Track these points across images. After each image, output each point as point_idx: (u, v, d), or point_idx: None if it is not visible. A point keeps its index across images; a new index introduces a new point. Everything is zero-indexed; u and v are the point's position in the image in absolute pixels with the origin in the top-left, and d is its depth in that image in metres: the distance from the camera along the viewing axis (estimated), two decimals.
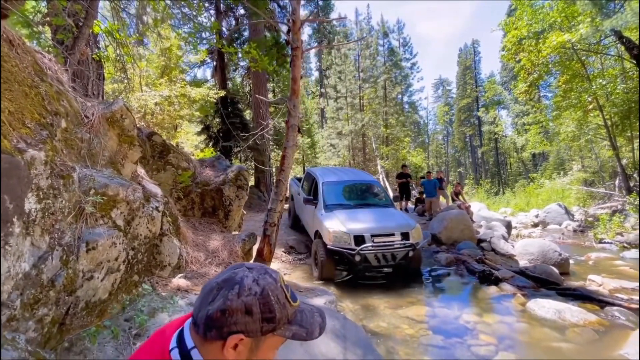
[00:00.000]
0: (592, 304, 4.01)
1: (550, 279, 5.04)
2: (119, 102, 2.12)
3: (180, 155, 4.13)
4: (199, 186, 4.42)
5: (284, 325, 0.71)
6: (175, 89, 8.36)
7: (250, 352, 0.68)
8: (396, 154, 21.93)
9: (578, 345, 3.08)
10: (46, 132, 1.38)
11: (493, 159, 32.88)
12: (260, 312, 0.67)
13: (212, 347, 0.67)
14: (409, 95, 30.67)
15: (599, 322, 3.44)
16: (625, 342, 2.95)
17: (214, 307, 0.66)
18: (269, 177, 14.08)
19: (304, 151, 22.14)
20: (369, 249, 4.71)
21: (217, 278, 0.72)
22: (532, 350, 3.14)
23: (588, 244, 8.60)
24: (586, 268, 6.11)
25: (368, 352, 2.05)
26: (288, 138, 3.98)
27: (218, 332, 0.66)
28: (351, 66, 23.97)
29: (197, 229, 3.97)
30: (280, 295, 0.70)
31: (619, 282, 4.99)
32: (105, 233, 1.59)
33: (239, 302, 0.66)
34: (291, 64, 4.19)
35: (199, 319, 0.68)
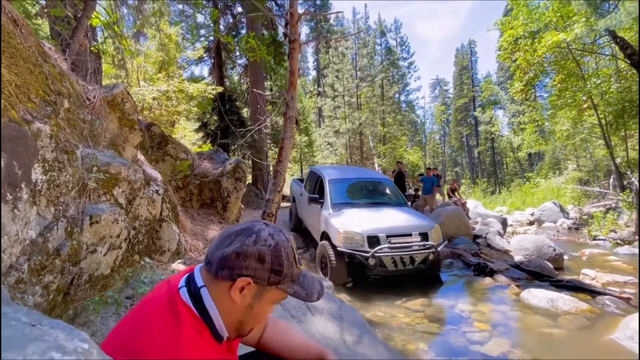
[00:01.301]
0: (584, 294, 4.09)
1: (544, 273, 5.12)
2: (119, 86, 2.15)
3: (179, 147, 4.16)
4: (197, 178, 4.45)
5: (288, 282, 0.76)
6: (173, 84, 8.37)
7: (254, 299, 0.73)
8: (393, 152, 22.03)
9: (569, 331, 3.15)
10: (50, 109, 1.41)
11: (489, 159, 33.09)
12: (270, 262, 0.72)
13: (220, 286, 0.71)
14: (406, 94, 30.83)
15: (590, 310, 3.51)
16: (616, 327, 3.03)
17: (230, 249, 0.72)
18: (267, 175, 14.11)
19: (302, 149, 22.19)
20: (384, 251, 4.17)
21: (236, 227, 0.77)
22: (524, 336, 3.21)
23: (582, 240, 8.71)
24: (580, 263, 6.19)
25: (364, 332, 2.10)
26: (286, 130, 4.02)
27: (229, 272, 0.71)
28: (348, 65, 24.05)
29: (196, 219, 4.00)
30: (290, 253, 0.76)
31: (611, 276, 5.07)
32: (108, 209, 1.63)
33: (254, 249, 0.71)
34: (289, 56, 4.23)
35: (213, 259, 0.72)
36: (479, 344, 3.03)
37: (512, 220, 12.46)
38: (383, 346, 2.03)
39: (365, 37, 25.81)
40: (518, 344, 3.02)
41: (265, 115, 7.86)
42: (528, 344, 3.02)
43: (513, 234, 9.76)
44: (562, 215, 11.89)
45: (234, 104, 15.40)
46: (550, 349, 2.89)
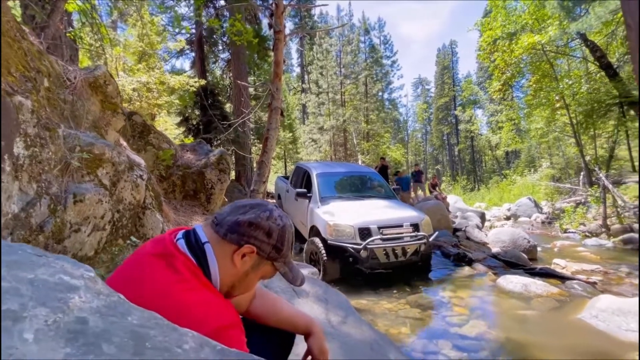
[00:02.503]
0: (555, 279, 4.33)
1: (519, 262, 5.38)
2: (101, 67, 2.10)
3: (161, 137, 4.08)
4: (180, 169, 4.38)
5: (282, 262, 0.83)
6: (153, 75, 8.15)
7: (251, 268, 0.79)
8: (376, 149, 22.31)
9: (541, 312, 3.34)
10: (31, 85, 1.38)
11: (469, 157, 34.04)
12: (276, 239, 0.79)
13: (225, 247, 0.76)
14: (389, 92, 31.23)
15: (560, 293, 3.73)
16: (583, 308, 3.24)
17: (245, 217, 0.77)
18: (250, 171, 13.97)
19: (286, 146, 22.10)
20: (376, 242, 4.08)
21: (249, 200, 0.85)
22: (500, 317, 3.38)
23: (554, 233, 9.16)
24: (552, 254, 6.51)
25: (349, 313, 2.16)
26: (271, 121, 4.02)
27: (239, 237, 0.76)
28: (333, 62, 24.11)
29: (179, 210, 3.95)
30: (290, 238, 0.84)
31: (580, 265, 5.36)
32: (92, 188, 1.60)
33: (266, 223, 0.78)
34: (274, 47, 4.23)
35: (224, 222, 0.77)
36: (457, 326, 3.16)
37: (490, 215, 12.93)
38: (367, 326, 2.10)
39: (350, 34, 25.94)
40: (494, 325, 3.18)
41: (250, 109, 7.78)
42: (503, 325, 3.18)
43: (491, 227, 10.13)
44: (536, 210, 12.43)
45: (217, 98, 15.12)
46: (523, 328, 3.05)
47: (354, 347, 1.70)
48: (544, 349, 2.65)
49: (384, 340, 2.00)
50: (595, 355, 2.52)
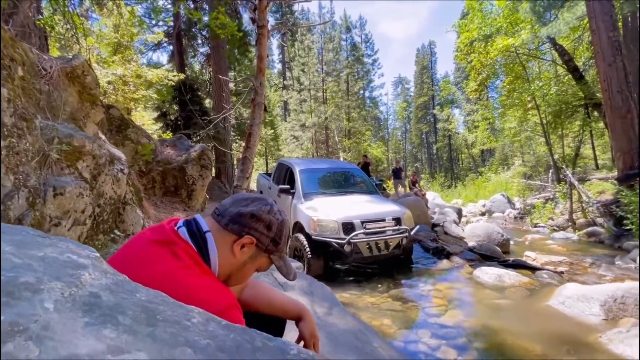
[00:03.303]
0: (526, 270, 4.58)
1: (493, 255, 5.63)
2: (79, 57, 2.01)
3: (140, 131, 3.96)
4: (160, 165, 4.27)
5: (278, 256, 0.87)
6: (130, 68, 7.85)
7: (249, 259, 0.82)
8: (358, 147, 22.53)
9: (514, 301, 3.53)
10: (6, 72, 1.32)
11: (447, 155, 35.00)
12: (274, 233, 0.82)
13: (225, 237, 0.78)
14: (370, 90, 31.54)
15: (531, 283, 3.96)
16: (551, 296, 3.45)
17: (247, 209, 0.80)
18: (231, 167, 13.77)
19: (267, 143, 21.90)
20: (360, 237, 4.14)
21: (250, 194, 0.88)
22: (476, 307, 3.54)
23: (525, 228, 9.63)
24: (523, 247, 6.84)
25: (334, 305, 2.21)
26: (254, 116, 3.99)
27: (240, 228, 0.78)
28: (314, 59, 24.08)
29: (159, 207, 3.85)
30: (287, 234, 0.88)
31: (549, 257, 5.68)
32: (72, 182, 1.54)
33: (267, 216, 0.81)
34: (257, 42, 4.19)
35: (227, 212, 0.80)
36: (436, 316, 3.29)
37: (467, 211, 13.40)
38: (351, 317, 2.15)
39: (331, 31, 25.97)
40: (470, 314, 3.33)
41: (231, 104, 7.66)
42: (479, 314, 3.34)
43: (467, 222, 10.50)
44: (509, 206, 12.98)
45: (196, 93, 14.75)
46: (497, 316, 3.22)
47: (339, 336, 1.75)
48: (516, 334, 2.81)
49: (368, 329, 2.06)
50: (562, 337, 2.70)
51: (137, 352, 0.31)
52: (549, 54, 14.46)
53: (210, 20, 4.03)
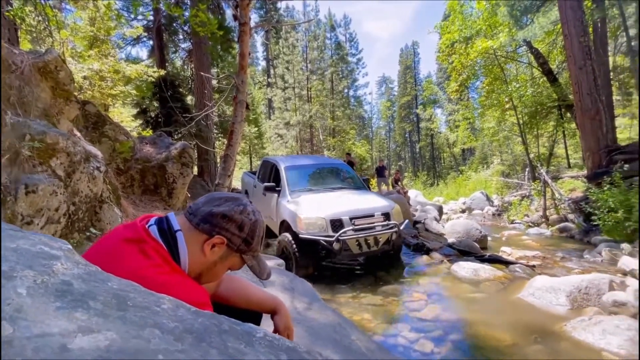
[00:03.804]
0: (501, 264, 4.77)
1: (471, 251, 5.83)
2: (52, 52, 1.96)
3: (118, 128, 3.87)
4: (139, 162, 4.19)
5: (250, 255, 0.87)
6: (107, 62, 7.60)
7: (220, 258, 0.82)
8: (342, 145, 22.67)
9: (488, 294, 3.69)
10: None
11: (429, 154, 35.72)
12: (246, 233, 0.83)
13: (196, 236, 0.79)
14: (354, 89, 31.74)
15: (505, 276, 4.14)
16: (522, 288, 3.62)
17: (219, 209, 0.80)
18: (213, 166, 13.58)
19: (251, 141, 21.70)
20: (349, 233, 4.04)
21: (225, 193, 0.88)
22: (453, 300, 3.67)
23: (503, 224, 9.99)
24: (500, 243, 7.11)
25: (314, 300, 2.25)
26: (236, 114, 3.97)
27: (211, 227, 0.79)
28: (299, 57, 24.01)
29: (138, 205, 3.78)
30: (261, 234, 0.88)
31: (523, 252, 5.94)
32: (45, 179, 1.50)
33: (239, 216, 0.81)
34: (239, 39, 4.17)
35: (199, 212, 0.80)
36: (416, 310, 3.40)
37: (447, 209, 13.75)
38: (331, 311, 2.20)
39: (316, 30, 25.96)
40: (448, 307, 3.46)
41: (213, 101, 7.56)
42: (456, 307, 3.47)
43: (447, 219, 10.79)
44: (488, 203, 13.40)
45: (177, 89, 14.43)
46: (473, 308, 3.36)
47: (318, 330, 1.79)
48: (489, 326, 2.95)
49: (347, 323, 2.12)
50: (530, 327, 2.85)
51: (106, 332, 0.34)
52: (525, 56, 15.00)
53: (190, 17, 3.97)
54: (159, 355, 0.34)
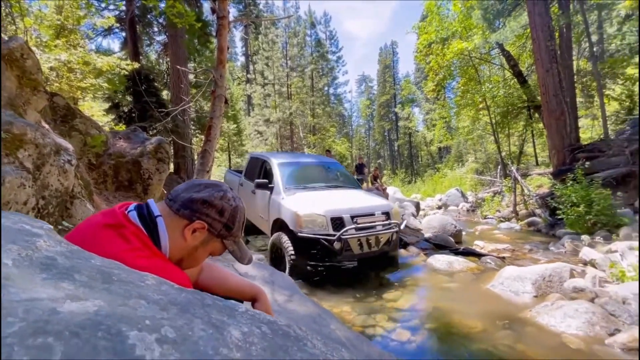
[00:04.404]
0: (474, 257, 5.00)
1: (446, 244, 6.06)
2: (18, 39, 1.85)
3: (89, 122, 3.71)
4: (112, 158, 4.04)
5: (231, 241, 0.88)
6: (76, 53, 7.23)
7: (200, 243, 0.83)
8: (322, 143, 22.75)
9: (462, 284, 3.86)
10: None
11: (407, 152, 36.50)
12: (227, 218, 0.84)
13: (177, 222, 0.79)
14: (334, 87, 31.91)
15: (477, 268, 4.34)
16: (493, 279, 3.82)
17: (199, 195, 0.81)
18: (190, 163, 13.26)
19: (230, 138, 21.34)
20: (351, 232, 3.81)
21: (205, 180, 0.88)
22: (428, 291, 3.81)
23: (476, 219, 10.41)
24: (474, 237, 7.41)
25: (294, 292, 2.28)
26: (214, 108, 3.91)
27: (191, 213, 0.79)
28: (279, 53, 23.83)
29: (112, 202, 3.65)
30: (242, 219, 0.89)
31: (494, 245, 6.23)
32: (13, 171, 1.43)
33: (219, 202, 0.82)
34: (217, 33, 4.10)
35: (179, 198, 0.81)
36: (393, 301, 3.50)
37: (425, 205, 14.14)
38: (311, 302, 2.24)
39: (296, 26, 25.83)
40: (423, 298, 3.59)
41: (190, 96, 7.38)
42: (431, 297, 3.61)
43: (424, 215, 11.10)
44: (462, 199, 13.91)
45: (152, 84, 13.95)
46: (447, 298, 3.50)
47: (298, 321, 1.82)
48: (462, 314, 3.09)
49: (327, 314, 2.16)
50: (499, 314, 3.02)
51: (94, 300, 0.35)
52: (498, 58, 15.61)
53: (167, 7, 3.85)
54: (146, 320, 0.36)
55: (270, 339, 0.48)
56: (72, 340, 0.28)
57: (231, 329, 0.44)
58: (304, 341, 0.53)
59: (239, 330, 0.45)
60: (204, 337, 0.39)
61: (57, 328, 0.28)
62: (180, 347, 0.35)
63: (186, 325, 0.39)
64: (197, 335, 0.39)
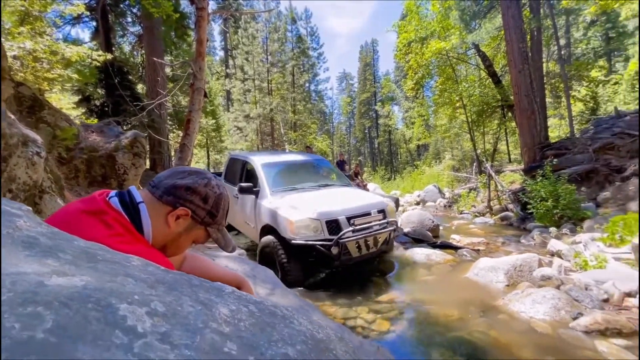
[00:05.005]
0: (450, 249, 5.18)
1: (424, 239, 6.24)
2: None
3: (58, 114, 3.53)
4: (85, 152, 3.86)
5: (215, 228, 0.88)
6: (42, 42, 6.82)
7: (184, 230, 0.82)
8: (303, 139, 22.71)
9: (439, 275, 4.00)
10: None
11: (387, 149, 37.08)
12: (211, 206, 0.83)
13: (160, 208, 0.78)
14: (315, 84, 31.85)
15: (453, 260, 4.51)
16: (469, 269, 3.98)
17: (183, 181, 0.80)
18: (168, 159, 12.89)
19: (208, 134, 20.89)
20: (348, 235, 3.55)
21: (188, 167, 0.87)
22: (407, 283, 3.92)
23: (453, 214, 10.75)
24: (450, 231, 7.66)
25: (276, 286, 2.28)
26: (193, 102, 3.83)
27: (175, 199, 0.79)
28: (259, 48, 23.49)
29: None
30: (226, 207, 0.89)
31: (470, 239, 6.47)
32: None
33: (203, 189, 0.81)
34: (196, 25, 4.00)
35: (161, 185, 0.80)
36: (374, 294, 3.58)
37: (404, 201, 14.46)
38: (293, 295, 2.25)
39: (277, 21, 25.54)
40: (403, 289, 3.69)
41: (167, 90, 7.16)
42: (410, 289, 3.71)
43: (404, 211, 11.35)
44: (440, 195, 14.30)
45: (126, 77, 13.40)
46: (425, 289, 3.62)
47: None
48: (439, 304, 3.21)
49: (309, 306, 2.18)
50: (474, 302, 3.15)
51: (81, 276, 0.35)
52: (474, 59, 16.12)
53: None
54: (135, 295, 0.36)
55: (257, 317, 0.49)
56: (62, 310, 0.28)
57: (219, 307, 0.45)
58: (291, 319, 0.54)
59: (227, 308, 0.46)
60: (192, 312, 0.39)
61: (46, 299, 0.28)
62: (171, 320, 0.35)
63: (175, 301, 0.40)
64: (186, 310, 0.39)
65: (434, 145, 27.52)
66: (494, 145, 16.49)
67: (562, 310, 2.74)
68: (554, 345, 2.38)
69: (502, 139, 16.95)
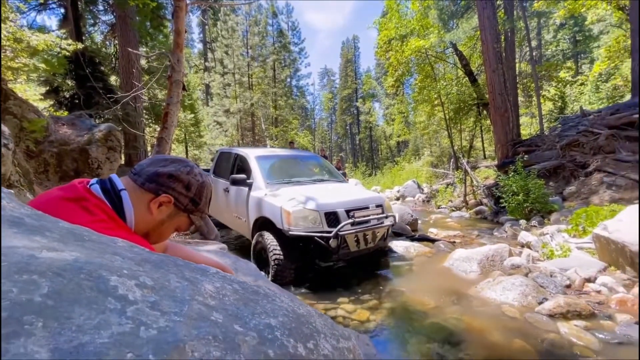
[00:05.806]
0: (428, 242, 5.36)
1: (403, 232, 6.42)
2: None
3: (26, 105, 3.36)
4: (55, 145, 3.69)
5: (198, 216, 0.89)
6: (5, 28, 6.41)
7: (167, 217, 0.83)
8: (285, 135, 22.59)
9: (418, 265, 4.14)
10: None
11: (368, 146, 37.51)
12: (194, 193, 0.84)
13: (142, 195, 0.79)
14: (297, 79, 31.67)
15: (430, 252, 4.67)
16: (445, 259, 4.14)
17: (165, 169, 0.81)
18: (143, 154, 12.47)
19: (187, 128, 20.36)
20: (347, 228, 3.49)
21: (168, 156, 0.87)
22: (388, 274, 4.03)
23: (431, 209, 11.06)
24: (428, 225, 7.89)
25: (258, 277, 2.29)
26: (171, 94, 3.74)
27: (157, 187, 0.79)
28: (239, 42, 23.06)
29: None
30: (209, 195, 0.90)
31: (447, 232, 6.71)
32: None
33: (186, 177, 0.82)
34: (173, 15, 3.90)
35: (143, 172, 0.80)
36: (355, 285, 3.66)
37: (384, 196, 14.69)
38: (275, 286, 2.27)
39: (257, 14, 25.12)
40: (382, 280, 3.79)
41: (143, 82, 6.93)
42: (389, 280, 3.82)
43: None
44: (419, 191, 14.66)
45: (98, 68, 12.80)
46: (404, 279, 3.74)
47: None
48: (417, 292, 3.32)
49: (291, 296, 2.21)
50: (450, 291, 3.29)
51: (70, 252, 0.36)
52: (451, 57, 16.54)
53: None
54: (124, 270, 0.37)
55: (241, 294, 0.52)
56: (56, 278, 0.29)
57: (205, 284, 0.47)
58: (273, 297, 0.57)
59: (212, 285, 0.48)
60: (179, 287, 0.42)
61: (39, 269, 0.29)
62: (159, 292, 0.37)
63: (162, 277, 0.42)
64: (174, 285, 0.41)
65: (413, 141, 28.12)
66: (470, 142, 17.04)
67: (529, 295, 2.92)
68: (522, 328, 2.54)
69: (478, 136, 17.54)
